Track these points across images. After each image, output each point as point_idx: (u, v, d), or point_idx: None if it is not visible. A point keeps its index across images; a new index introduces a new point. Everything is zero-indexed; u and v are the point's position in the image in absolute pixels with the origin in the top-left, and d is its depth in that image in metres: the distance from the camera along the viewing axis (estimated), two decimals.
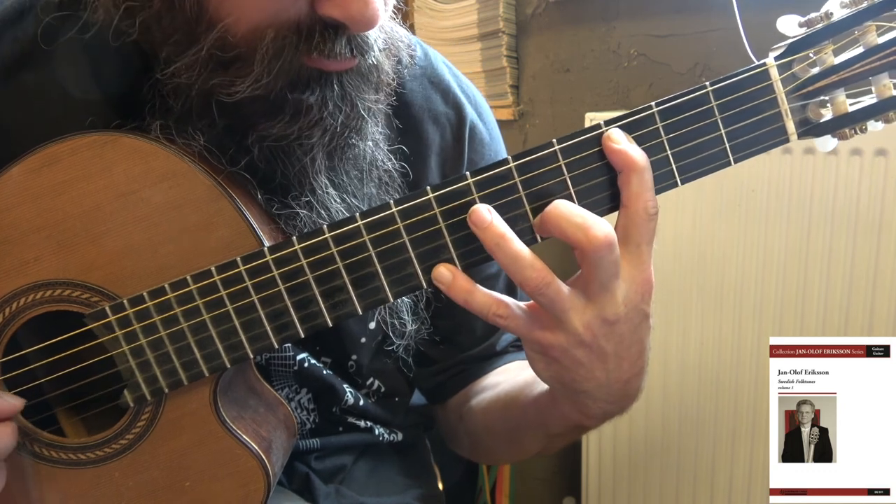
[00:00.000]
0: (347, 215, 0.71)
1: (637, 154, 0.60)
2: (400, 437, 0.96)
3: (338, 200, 0.72)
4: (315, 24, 0.60)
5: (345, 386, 0.87)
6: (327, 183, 0.71)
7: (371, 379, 0.91)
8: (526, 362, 0.88)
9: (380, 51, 0.66)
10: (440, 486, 1.05)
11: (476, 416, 0.89)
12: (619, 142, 0.60)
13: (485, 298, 0.62)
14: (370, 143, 0.74)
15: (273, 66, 0.61)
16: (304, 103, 0.63)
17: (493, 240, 0.59)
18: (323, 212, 0.71)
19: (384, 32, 0.67)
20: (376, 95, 0.69)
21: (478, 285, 0.62)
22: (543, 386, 0.73)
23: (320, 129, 0.65)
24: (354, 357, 0.87)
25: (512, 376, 0.87)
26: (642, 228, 0.60)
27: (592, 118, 1.54)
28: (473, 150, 0.87)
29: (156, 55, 0.66)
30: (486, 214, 0.59)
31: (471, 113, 0.88)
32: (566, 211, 0.59)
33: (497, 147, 0.91)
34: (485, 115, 0.91)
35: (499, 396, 0.85)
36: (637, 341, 0.64)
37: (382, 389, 0.92)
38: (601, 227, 0.58)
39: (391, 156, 0.78)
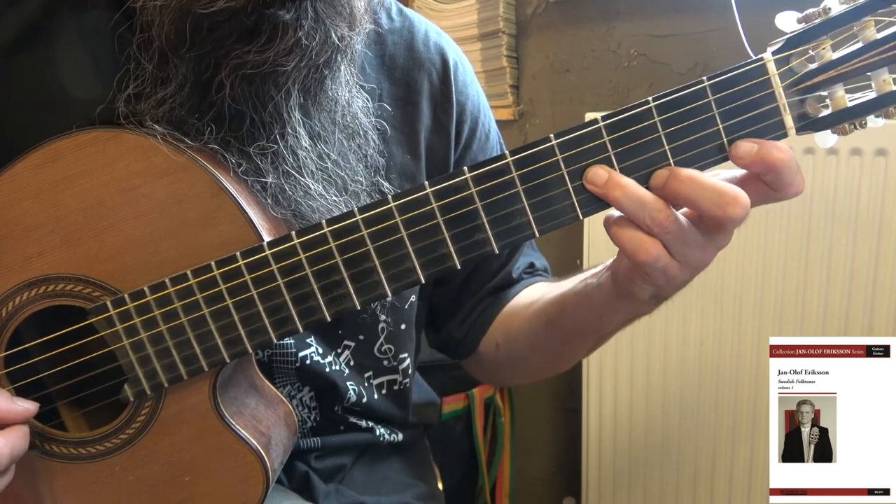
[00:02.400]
0: (316, 160, 0.73)
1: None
2: (400, 437, 0.96)
3: (307, 144, 0.73)
4: None
5: (349, 383, 0.87)
6: (300, 121, 0.72)
7: (404, 354, 0.92)
8: (546, 282, 0.91)
9: None
10: (440, 486, 1.05)
11: (518, 339, 0.91)
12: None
13: (640, 236, 0.62)
14: (345, 88, 0.75)
15: None
16: (281, 19, 0.64)
17: (615, 192, 0.61)
18: (290, 157, 0.71)
19: None
20: (349, 28, 0.69)
21: (629, 222, 0.63)
22: (593, 294, 0.76)
23: (297, 54, 0.66)
24: (384, 318, 0.88)
25: (543, 294, 0.88)
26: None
27: (592, 118, 1.54)
28: (459, 90, 0.90)
29: None
30: (602, 173, 0.61)
31: (453, 55, 0.91)
32: (700, 183, 0.60)
33: (478, 88, 0.94)
34: (463, 57, 0.94)
35: (539, 315, 0.87)
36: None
37: (410, 370, 0.93)
38: (740, 201, 0.60)
39: (370, 110, 0.79)
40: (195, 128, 0.68)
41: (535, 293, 0.91)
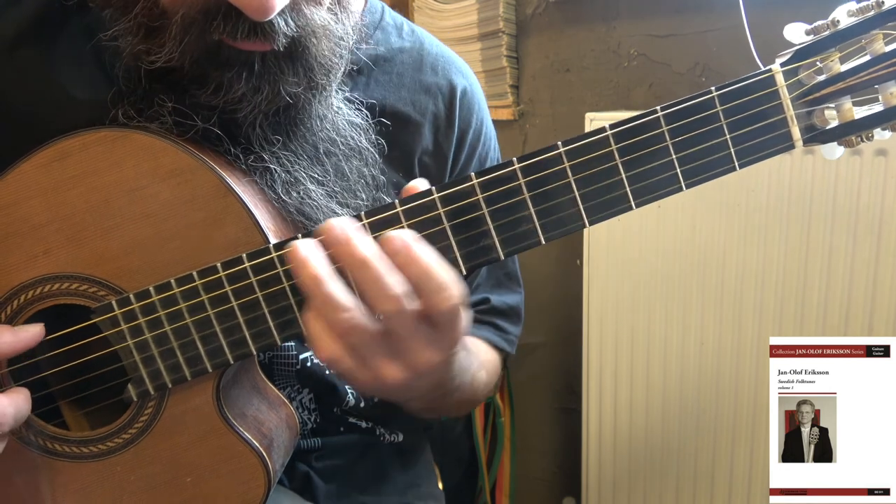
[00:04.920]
0: (315, 181, 0.73)
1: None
2: (400, 437, 0.96)
3: (300, 166, 0.73)
4: (220, 7, 0.61)
5: (347, 387, 0.87)
6: (275, 152, 0.71)
7: None
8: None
9: (299, 36, 0.65)
10: (440, 486, 1.05)
11: None
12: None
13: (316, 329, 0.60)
14: (330, 112, 0.75)
15: (181, 42, 0.62)
16: (223, 78, 0.65)
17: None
18: (285, 174, 0.71)
19: (305, 18, 0.66)
20: (306, 77, 0.69)
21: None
22: None
23: (247, 103, 0.66)
24: None
25: None
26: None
27: (592, 118, 1.54)
28: (462, 118, 0.90)
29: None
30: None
31: (461, 81, 0.90)
32: (415, 259, 0.57)
33: (483, 116, 0.93)
34: (472, 81, 0.93)
35: None
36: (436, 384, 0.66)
37: None
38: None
39: (369, 128, 0.79)
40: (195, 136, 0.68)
41: None
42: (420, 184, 0.62)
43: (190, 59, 0.64)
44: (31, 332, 0.66)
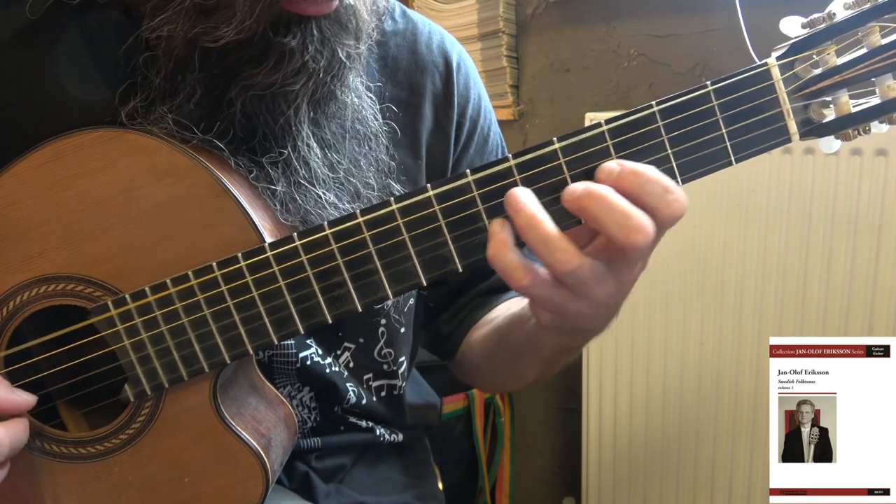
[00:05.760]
0: (327, 172, 0.73)
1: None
2: (401, 437, 0.95)
3: (319, 155, 0.73)
4: None
5: (348, 385, 0.87)
6: (310, 134, 0.72)
7: (402, 358, 0.91)
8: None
9: None
10: (440, 486, 1.05)
11: (475, 350, 0.92)
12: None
13: (513, 262, 0.60)
14: (353, 95, 0.76)
15: (255, 9, 0.62)
16: (287, 47, 0.64)
17: (525, 221, 0.58)
18: (303, 168, 0.71)
19: None
20: (356, 42, 0.70)
21: (514, 247, 0.60)
22: (528, 319, 0.75)
23: (304, 75, 0.66)
24: (384, 322, 0.88)
25: (506, 309, 0.88)
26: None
27: (592, 118, 1.54)
28: (460, 93, 0.90)
29: (141, 13, 0.67)
30: (521, 197, 0.59)
31: (456, 56, 0.91)
32: (610, 203, 0.57)
33: (479, 90, 0.94)
34: (466, 58, 0.94)
35: (494, 330, 0.88)
36: (633, 282, 0.66)
37: (406, 374, 0.93)
38: (645, 229, 0.57)
39: (377, 113, 0.80)
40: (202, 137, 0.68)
41: (509, 305, 0.91)
42: None
43: (262, 28, 0.63)
44: (24, 399, 0.66)
